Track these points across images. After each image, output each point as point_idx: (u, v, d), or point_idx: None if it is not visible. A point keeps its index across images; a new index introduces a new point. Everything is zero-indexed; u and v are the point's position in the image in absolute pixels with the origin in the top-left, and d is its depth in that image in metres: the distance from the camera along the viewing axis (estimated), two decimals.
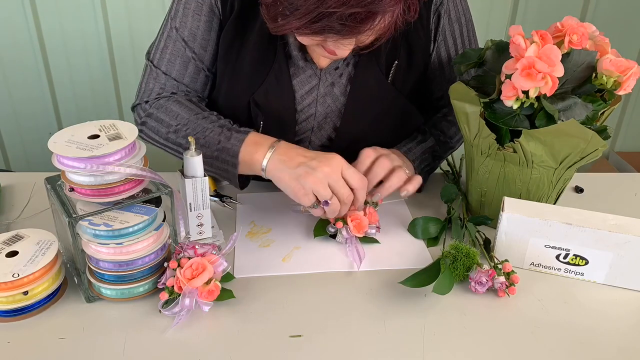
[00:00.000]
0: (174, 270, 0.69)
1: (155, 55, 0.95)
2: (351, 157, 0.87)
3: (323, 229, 0.87)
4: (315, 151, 0.83)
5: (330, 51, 0.81)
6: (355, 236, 0.84)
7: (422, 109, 1.02)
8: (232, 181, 0.88)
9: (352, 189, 0.81)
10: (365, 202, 0.87)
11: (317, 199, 0.80)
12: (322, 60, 0.90)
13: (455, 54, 1.01)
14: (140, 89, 0.97)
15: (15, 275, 0.67)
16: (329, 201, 0.79)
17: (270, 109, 0.92)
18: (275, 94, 0.92)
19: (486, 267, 0.76)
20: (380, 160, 0.88)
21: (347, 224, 0.84)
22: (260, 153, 0.83)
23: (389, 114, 0.97)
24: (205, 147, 0.86)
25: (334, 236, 0.86)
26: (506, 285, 0.74)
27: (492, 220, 0.89)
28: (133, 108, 0.99)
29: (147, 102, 0.96)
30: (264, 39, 0.90)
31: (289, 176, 0.80)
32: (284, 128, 0.95)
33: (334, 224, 0.85)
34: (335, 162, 0.79)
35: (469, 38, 1.02)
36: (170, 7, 0.94)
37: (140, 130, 0.95)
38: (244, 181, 0.90)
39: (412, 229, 0.89)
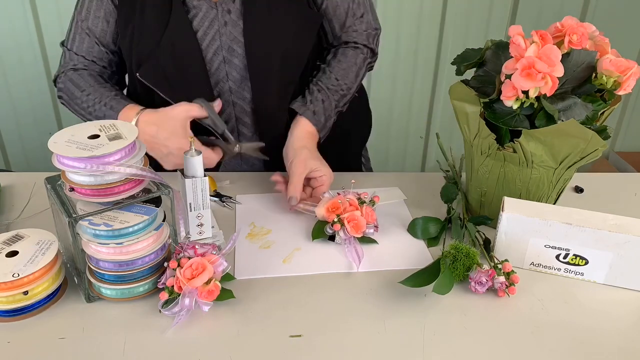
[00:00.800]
0: (174, 270, 0.69)
1: (67, 39, 1.06)
2: (270, 80, 1.00)
3: (321, 231, 0.87)
4: (161, 113, 0.93)
5: None
6: (354, 237, 0.84)
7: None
8: None
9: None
10: (362, 202, 0.87)
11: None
12: None
13: None
14: (58, 69, 1.09)
15: (15, 275, 0.67)
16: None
17: (177, 53, 0.98)
18: (177, 38, 0.98)
19: (486, 267, 0.76)
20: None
21: (344, 225, 0.84)
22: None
23: (287, 22, 1.01)
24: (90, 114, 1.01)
25: (332, 238, 0.86)
26: (506, 285, 0.74)
27: (492, 220, 0.89)
28: (54, 82, 1.09)
29: (64, 73, 1.06)
30: None
31: (152, 151, 0.95)
32: (194, 67, 1.00)
33: (332, 226, 0.85)
34: (183, 146, 0.92)
35: None
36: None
37: (60, 97, 1.07)
38: None
39: (412, 229, 0.89)
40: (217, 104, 0.99)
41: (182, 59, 0.99)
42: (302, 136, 1.00)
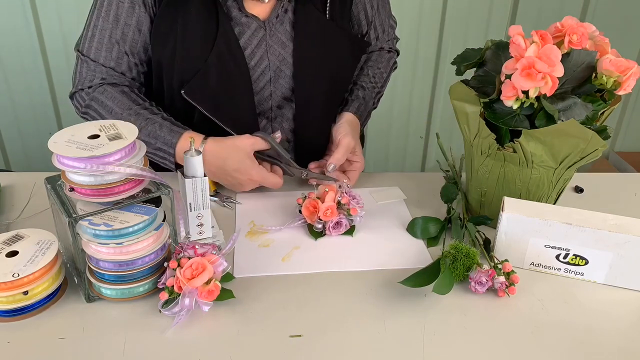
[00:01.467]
0: (174, 270, 0.69)
1: (84, 45, 0.99)
2: (313, 104, 1.03)
3: (311, 229, 0.89)
4: (227, 144, 0.92)
5: None
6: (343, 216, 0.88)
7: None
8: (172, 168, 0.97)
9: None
10: (340, 205, 0.88)
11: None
12: (254, 5, 0.98)
13: None
14: (74, 78, 1.02)
15: (15, 275, 0.67)
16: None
17: (225, 71, 0.97)
18: (225, 56, 0.96)
19: (486, 267, 0.76)
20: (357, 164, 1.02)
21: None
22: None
23: (336, 47, 1.04)
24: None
25: (322, 231, 0.88)
26: (506, 285, 0.74)
27: (492, 220, 0.89)
28: (71, 96, 1.02)
29: (82, 89, 1.00)
30: (204, 5, 0.95)
31: (221, 180, 0.96)
32: (240, 86, 0.99)
33: (318, 220, 0.87)
34: (252, 177, 0.93)
35: None
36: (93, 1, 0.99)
37: (84, 117, 1.01)
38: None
39: (412, 228, 0.89)
40: (278, 136, 0.97)
41: (229, 77, 0.97)
42: (351, 121, 1.05)
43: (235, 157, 0.92)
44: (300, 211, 0.89)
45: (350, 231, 0.88)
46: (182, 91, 0.94)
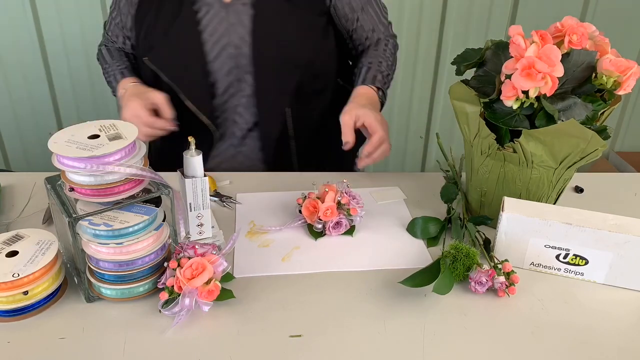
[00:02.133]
0: (174, 270, 0.69)
1: (106, 23, 1.23)
2: (275, 81, 1.08)
3: (311, 229, 0.89)
4: (136, 91, 1.06)
5: None
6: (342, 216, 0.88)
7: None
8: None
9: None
10: (340, 205, 0.88)
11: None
12: None
13: None
14: (102, 39, 1.26)
15: (15, 275, 0.67)
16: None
17: (182, 44, 1.08)
18: (184, 31, 1.07)
19: (486, 267, 0.76)
20: (384, 145, 1.00)
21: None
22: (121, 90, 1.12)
23: (292, 28, 1.08)
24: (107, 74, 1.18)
25: (322, 232, 0.88)
26: (506, 285, 0.74)
27: (492, 220, 0.89)
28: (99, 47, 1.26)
29: (101, 45, 1.25)
30: None
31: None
32: (194, 58, 1.08)
33: (318, 220, 0.87)
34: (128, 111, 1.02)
35: None
36: None
37: (98, 59, 1.25)
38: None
39: (412, 229, 0.89)
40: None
41: (185, 50, 1.08)
42: (356, 95, 1.08)
43: (139, 92, 1.05)
44: (300, 211, 0.89)
45: (350, 231, 0.88)
46: (143, 58, 1.10)
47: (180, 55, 1.09)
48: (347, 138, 0.99)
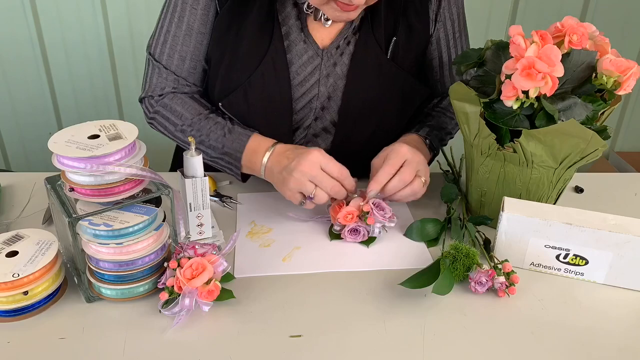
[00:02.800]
0: (174, 270, 0.69)
1: (156, 49, 0.97)
2: (352, 141, 0.92)
3: (332, 231, 0.88)
4: (299, 149, 0.86)
5: (342, 5, 0.82)
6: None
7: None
8: (237, 178, 0.96)
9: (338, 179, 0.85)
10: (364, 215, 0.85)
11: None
12: (318, 28, 0.93)
13: (453, 37, 1.02)
14: (145, 83, 1.00)
15: (15, 275, 0.67)
16: (311, 195, 0.84)
17: (266, 92, 0.93)
18: (270, 77, 0.93)
19: (486, 267, 0.76)
20: (404, 168, 0.86)
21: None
22: (258, 162, 0.90)
23: (391, 90, 0.97)
24: (210, 149, 0.94)
25: (338, 234, 0.87)
26: (506, 285, 0.74)
27: (492, 220, 0.89)
28: (141, 100, 1.02)
29: (152, 97, 0.99)
30: (261, 20, 0.91)
31: (277, 181, 0.87)
32: (279, 110, 0.95)
33: (338, 223, 0.86)
34: (312, 157, 0.83)
35: (464, 24, 1.05)
36: (166, 0, 0.96)
37: (150, 124, 1.01)
38: (247, 176, 0.97)
39: (409, 234, 0.88)
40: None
41: (270, 99, 0.94)
42: (405, 140, 0.95)
43: (304, 155, 0.84)
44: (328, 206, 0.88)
45: (367, 242, 0.86)
46: (219, 103, 0.94)
47: (263, 103, 0.93)
48: (379, 182, 0.85)
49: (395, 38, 0.95)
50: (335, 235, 0.87)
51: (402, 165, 0.86)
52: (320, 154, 0.83)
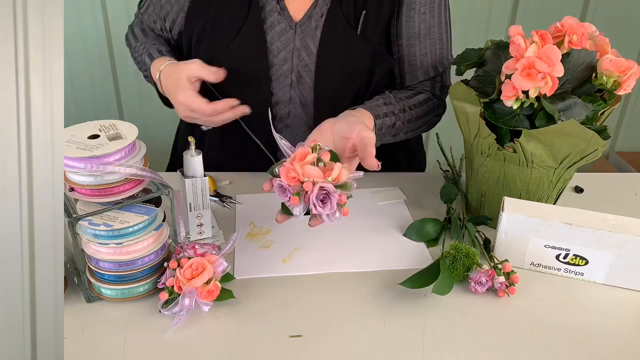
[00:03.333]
0: (174, 270, 0.69)
1: (142, 6, 1.11)
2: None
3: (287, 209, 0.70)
4: (175, 74, 0.92)
5: None
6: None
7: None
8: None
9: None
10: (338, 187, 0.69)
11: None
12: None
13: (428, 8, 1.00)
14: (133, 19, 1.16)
15: None
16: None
17: (244, 61, 0.97)
18: (248, 46, 0.96)
19: (486, 267, 0.76)
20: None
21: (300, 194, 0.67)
22: (157, 81, 0.99)
23: (362, 66, 0.98)
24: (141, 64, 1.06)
25: (307, 213, 0.69)
26: (506, 285, 0.74)
27: (492, 220, 0.89)
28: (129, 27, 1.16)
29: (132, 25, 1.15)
30: None
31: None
32: (258, 78, 0.98)
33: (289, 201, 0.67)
34: (181, 99, 0.91)
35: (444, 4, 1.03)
36: None
37: (125, 39, 1.16)
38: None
39: (409, 234, 0.88)
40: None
41: (247, 68, 0.97)
42: (348, 112, 0.89)
43: (175, 77, 0.92)
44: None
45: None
46: None
47: (242, 73, 0.96)
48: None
49: (364, 11, 0.96)
50: (286, 209, 0.70)
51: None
52: (186, 93, 0.90)
